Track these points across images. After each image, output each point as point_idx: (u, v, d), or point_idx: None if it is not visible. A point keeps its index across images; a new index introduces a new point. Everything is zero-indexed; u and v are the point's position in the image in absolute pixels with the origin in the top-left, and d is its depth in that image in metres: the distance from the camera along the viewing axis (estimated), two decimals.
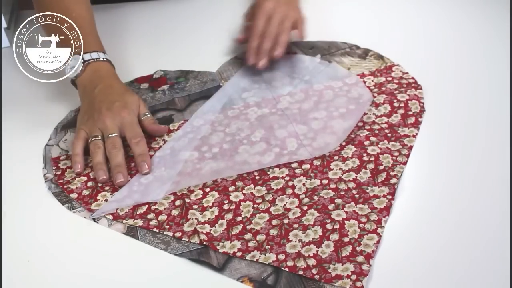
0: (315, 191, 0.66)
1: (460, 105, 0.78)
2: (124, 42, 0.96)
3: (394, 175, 0.67)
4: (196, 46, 0.97)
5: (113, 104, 0.73)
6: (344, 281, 0.56)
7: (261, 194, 0.66)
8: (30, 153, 0.75)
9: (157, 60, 0.93)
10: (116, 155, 0.70)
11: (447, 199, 0.65)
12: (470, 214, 0.63)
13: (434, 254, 0.59)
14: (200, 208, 0.65)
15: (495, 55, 0.88)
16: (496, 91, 0.80)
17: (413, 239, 0.61)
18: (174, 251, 0.61)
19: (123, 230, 0.64)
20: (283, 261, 0.58)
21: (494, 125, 0.75)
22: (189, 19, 1.03)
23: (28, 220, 0.66)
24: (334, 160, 0.70)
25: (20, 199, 0.69)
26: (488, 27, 0.95)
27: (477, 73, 0.84)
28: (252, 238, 0.61)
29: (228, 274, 0.58)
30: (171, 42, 0.98)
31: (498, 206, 0.64)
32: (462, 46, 0.91)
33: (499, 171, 0.68)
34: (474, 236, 0.61)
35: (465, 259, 0.58)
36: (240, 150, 0.72)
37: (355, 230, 0.61)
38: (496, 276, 0.56)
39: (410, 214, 0.64)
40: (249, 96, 0.82)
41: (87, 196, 0.68)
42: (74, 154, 0.72)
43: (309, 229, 0.61)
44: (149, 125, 0.76)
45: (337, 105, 0.79)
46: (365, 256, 0.58)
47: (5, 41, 0.96)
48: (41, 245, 0.63)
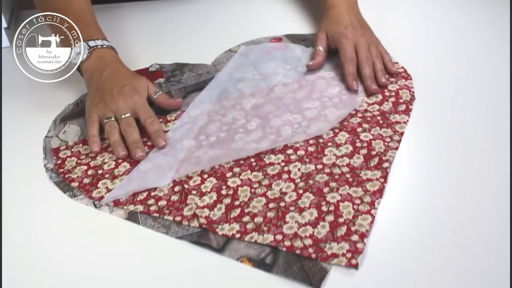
0: (310, 176, 0.68)
1: (460, 105, 0.80)
2: (119, 41, 0.97)
3: (386, 159, 0.70)
4: (191, 42, 0.98)
5: (123, 88, 0.75)
6: (339, 259, 0.58)
7: (258, 180, 0.68)
8: (30, 150, 0.76)
9: (152, 56, 0.94)
10: (132, 133, 0.73)
11: (437, 182, 0.68)
12: (459, 195, 0.66)
13: (425, 232, 0.61)
14: (198, 194, 0.67)
15: (495, 55, 0.89)
16: (495, 87, 0.82)
17: (405, 219, 0.64)
18: (175, 234, 0.63)
19: (124, 216, 0.66)
20: (280, 241, 0.60)
21: (495, 123, 0.76)
22: (185, 18, 1.05)
23: (31, 209, 0.68)
24: (328, 146, 0.72)
25: (22, 189, 0.70)
26: (488, 27, 0.97)
27: (477, 73, 0.86)
28: (250, 221, 0.63)
29: (227, 255, 0.60)
30: (166, 40, 1.00)
31: (486, 185, 0.66)
32: (462, 46, 0.92)
33: (487, 153, 0.71)
34: (463, 214, 0.63)
35: (454, 235, 0.61)
36: (237, 138, 0.74)
37: (349, 211, 0.63)
38: (484, 254, 0.59)
39: (401, 196, 0.66)
40: (244, 87, 0.84)
41: (87, 184, 0.70)
42: (90, 135, 0.74)
43: (305, 211, 0.63)
44: (164, 101, 0.79)
45: (330, 95, 0.81)
46: (359, 235, 0.60)
47: (5, 41, 0.97)
48: (44, 232, 0.64)
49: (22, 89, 0.87)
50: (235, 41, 0.96)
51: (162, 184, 0.68)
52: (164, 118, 0.80)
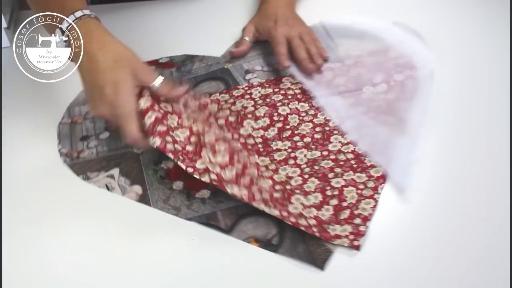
0: (316, 162, 0.70)
1: (460, 104, 0.81)
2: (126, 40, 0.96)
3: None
4: (200, 40, 0.98)
5: (103, 91, 0.66)
6: (342, 239, 0.60)
7: (265, 164, 0.70)
8: (30, 150, 0.76)
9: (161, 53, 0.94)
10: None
11: (441, 169, 0.70)
12: (459, 182, 0.68)
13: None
14: (212, 151, 0.68)
15: (495, 55, 0.90)
16: (496, 89, 0.83)
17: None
18: (185, 216, 0.65)
19: (136, 198, 0.68)
20: (286, 217, 0.62)
21: (495, 122, 0.77)
22: (191, 18, 1.04)
23: (45, 190, 0.70)
24: (334, 134, 0.74)
25: (22, 189, 0.71)
26: (488, 27, 0.97)
27: (477, 73, 0.86)
28: (258, 192, 0.64)
29: (235, 236, 0.62)
30: (175, 39, 0.98)
31: (489, 173, 0.69)
32: (462, 46, 0.93)
33: (486, 151, 0.73)
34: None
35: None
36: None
37: (353, 195, 0.65)
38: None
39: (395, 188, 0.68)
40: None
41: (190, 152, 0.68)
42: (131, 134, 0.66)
43: (310, 195, 0.66)
44: (167, 94, 0.71)
45: (336, 84, 0.83)
46: (362, 218, 0.62)
47: (5, 41, 0.94)
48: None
49: (22, 89, 0.85)
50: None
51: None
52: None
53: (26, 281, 0.60)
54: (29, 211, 0.68)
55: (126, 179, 0.71)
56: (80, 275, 0.61)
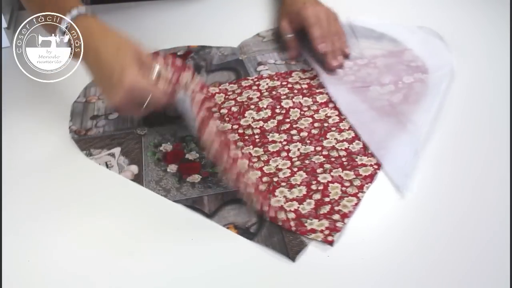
0: (308, 156, 0.71)
1: (460, 104, 0.80)
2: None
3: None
4: (200, 40, 0.97)
5: (111, 80, 0.67)
6: (317, 234, 0.61)
7: (258, 155, 0.72)
8: (30, 149, 0.77)
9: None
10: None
11: (440, 168, 0.70)
12: (459, 182, 0.68)
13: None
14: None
15: (495, 55, 0.89)
16: (496, 89, 0.82)
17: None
18: (173, 198, 0.68)
19: (131, 177, 0.71)
20: (266, 212, 0.64)
21: (495, 123, 0.77)
22: (191, 18, 1.04)
23: (44, 190, 0.71)
24: (331, 130, 0.75)
25: (23, 187, 0.71)
26: (488, 27, 0.96)
27: (477, 73, 0.86)
28: (244, 188, 0.66)
29: (216, 220, 0.64)
30: (175, 39, 0.98)
31: (480, 171, 0.69)
32: (462, 46, 0.92)
33: (486, 151, 0.72)
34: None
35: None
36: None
37: (337, 192, 0.66)
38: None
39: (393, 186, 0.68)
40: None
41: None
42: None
43: (295, 188, 0.67)
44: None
45: (344, 82, 0.83)
46: (341, 215, 0.63)
47: (5, 41, 0.94)
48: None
49: (22, 89, 0.85)
50: (265, 26, 0.99)
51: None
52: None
53: (26, 280, 0.60)
54: (29, 210, 0.68)
55: (125, 158, 0.74)
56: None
